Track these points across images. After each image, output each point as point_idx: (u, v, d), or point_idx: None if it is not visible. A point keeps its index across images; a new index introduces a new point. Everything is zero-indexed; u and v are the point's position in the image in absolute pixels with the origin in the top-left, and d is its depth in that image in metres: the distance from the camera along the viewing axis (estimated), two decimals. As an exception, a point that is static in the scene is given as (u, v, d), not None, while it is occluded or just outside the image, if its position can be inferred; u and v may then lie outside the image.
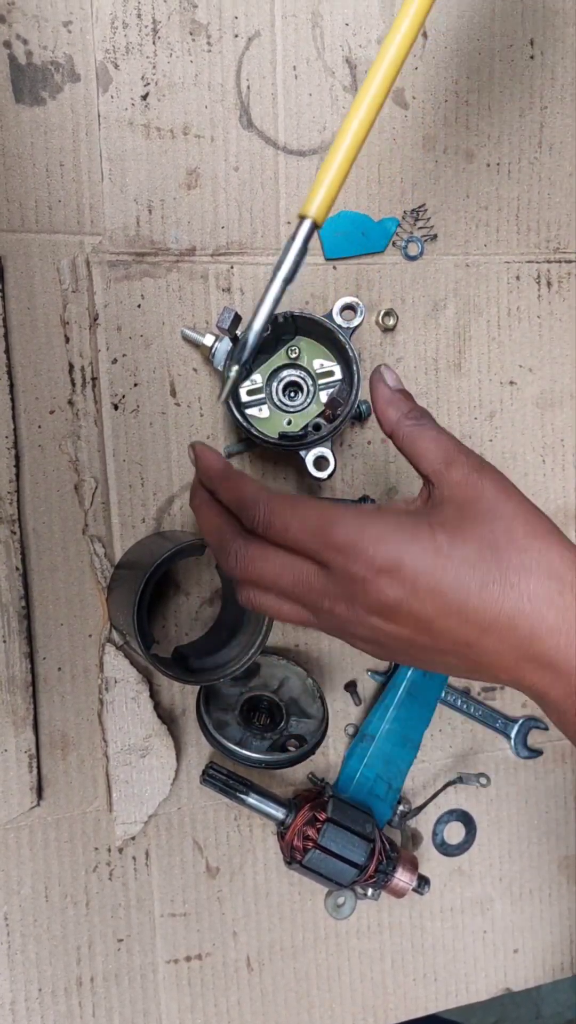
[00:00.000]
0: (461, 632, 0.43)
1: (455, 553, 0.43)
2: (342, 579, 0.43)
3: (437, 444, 0.48)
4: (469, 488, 0.46)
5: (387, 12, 0.64)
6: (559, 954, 0.76)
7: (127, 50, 0.59)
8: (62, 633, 0.61)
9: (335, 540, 0.43)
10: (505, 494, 0.46)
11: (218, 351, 0.59)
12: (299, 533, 0.44)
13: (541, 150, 0.69)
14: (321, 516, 0.44)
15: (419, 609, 0.43)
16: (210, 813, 0.66)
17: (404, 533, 0.43)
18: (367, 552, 0.42)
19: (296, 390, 0.61)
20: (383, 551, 0.42)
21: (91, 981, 0.63)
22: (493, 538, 0.44)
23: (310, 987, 0.69)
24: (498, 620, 0.43)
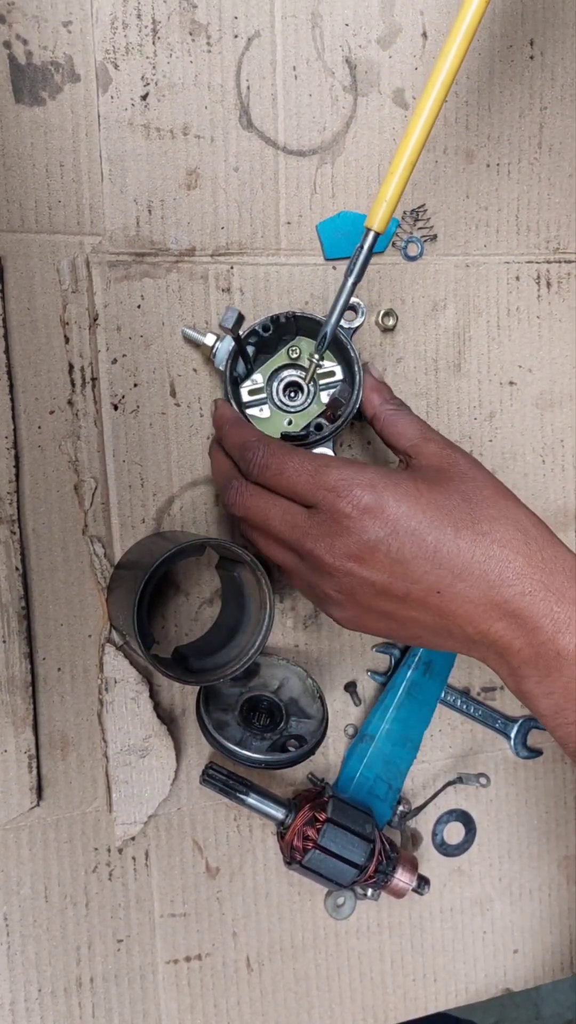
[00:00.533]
0: (434, 577, 0.47)
1: (434, 500, 0.47)
2: (328, 517, 0.48)
3: (415, 426, 0.55)
4: (445, 457, 0.51)
5: (387, 12, 0.64)
6: (559, 954, 0.76)
7: (127, 50, 0.59)
8: (62, 633, 0.61)
9: (326, 480, 0.48)
10: (476, 465, 0.52)
11: (219, 350, 0.59)
12: (293, 474, 0.49)
13: (541, 150, 0.69)
14: (315, 460, 0.50)
15: (397, 550, 0.46)
16: (210, 813, 0.66)
17: (389, 480, 0.48)
18: (354, 492, 0.47)
19: (296, 390, 0.61)
20: (369, 493, 0.47)
21: (91, 981, 0.63)
22: (467, 492, 0.48)
23: (310, 987, 0.69)
24: (471, 564, 0.46)
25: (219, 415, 0.58)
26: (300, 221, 0.64)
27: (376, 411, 0.57)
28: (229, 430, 0.55)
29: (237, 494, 0.52)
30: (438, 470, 0.50)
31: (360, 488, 0.47)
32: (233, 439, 0.54)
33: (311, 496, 0.49)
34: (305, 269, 0.64)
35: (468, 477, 0.50)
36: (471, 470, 0.51)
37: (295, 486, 0.50)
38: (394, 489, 0.48)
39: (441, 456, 0.52)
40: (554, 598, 0.46)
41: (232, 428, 0.55)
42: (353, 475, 0.48)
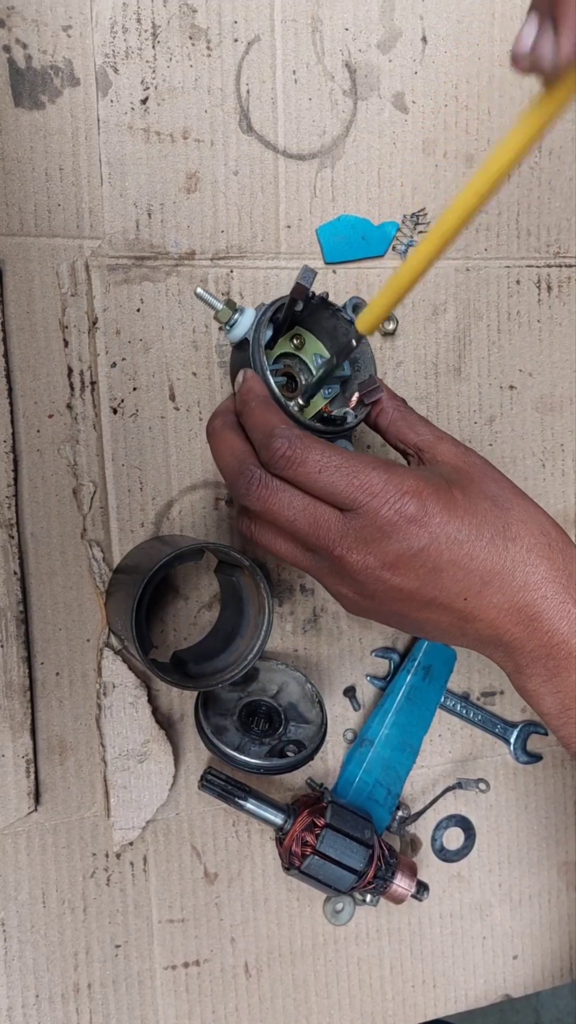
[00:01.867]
0: (464, 584, 0.46)
1: (469, 506, 0.46)
2: (368, 523, 0.45)
3: (424, 425, 0.52)
4: (461, 456, 0.50)
5: (387, 17, 0.64)
6: (558, 960, 0.75)
7: (127, 54, 0.59)
8: (60, 638, 0.61)
9: (369, 484, 0.45)
10: (490, 464, 0.51)
11: (240, 322, 0.51)
12: (334, 472, 0.45)
13: (541, 154, 0.69)
14: (354, 460, 0.46)
15: (435, 559, 0.45)
16: (208, 819, 0.66)
17: (430, 485, 0.46)
18: (400, 499, 0.45)
19: (291, 382, 0.56)
20: (414, 500, 0.45)
21: (88, 987, 0.63)
22: (493, 495, 0.48)
23: (308, 993, 0.68)
24: (500, 571, 0.46)
25: (247, 388, 0.49)
26: (300, 225, 0.64)
27: (384, 406, 0.53)
28: (256, 409, 0.48)
29: (259, 485, 0.47)
30: (457, 470, 0.49)
31: (407, 495, 0.45)
32: (259, 420, 0.48)
33: (350, 499, 0.45)
34: (305, 273, 0.64)
35: (489, 477, 0.49)
36: (489, 469, 0.50)
37: (334, 486, 0.45)
38: (437, 497, 0.46)
39: (457, 455, 0.50)
40: (572, 601, 0.46)
41: (260, 408, 0.48)
42: (399, 480, 0.45)
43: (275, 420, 0.47)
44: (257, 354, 0.51)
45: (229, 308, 0.51)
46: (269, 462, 0.46)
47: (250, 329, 0.51)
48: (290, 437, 0.46)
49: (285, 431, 0.46)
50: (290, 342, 0.56)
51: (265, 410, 0.48)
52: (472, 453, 0.51)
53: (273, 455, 0.46)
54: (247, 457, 0.48)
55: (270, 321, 0.51)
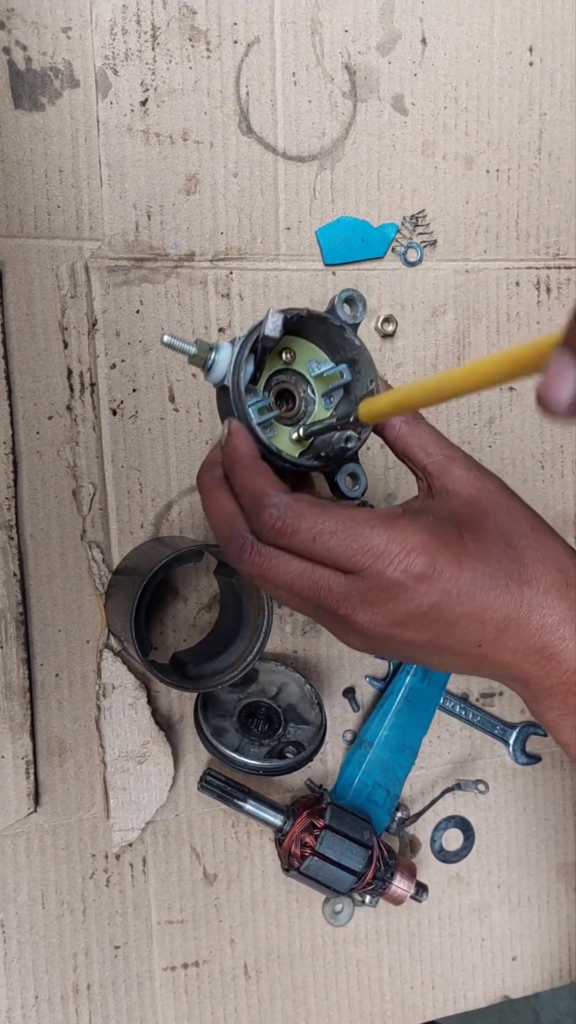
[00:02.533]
0: (478, 634, 0.44)
1: (481, 554, 0.43)
2: (373, 585, 0.42)
3: (434, 440, 0.48)
4: (473, 482, 0.46)
5: (386, 19, 0.64)
6: (557, 961, 0.75)
7: (126, 56, 0.59)
8: (60, 639, 0.61)
9: (370, 545, 0.42)
10: (505, 489, 0.47)
11: (218, 362, 0.47)
12: (330, 539, 0.42)
13: (540, 156, 0.69)
14: (350, 519, 0.43)
15: (447, 614, 0.43)
16: (208, 820, 0.66)
17: (437, 538, 0.43)
18: (409, 555, 0.42)
19: (289, 399, 0.51)
20: (422, 557, 0.42)
21: (88, 988, 0.63)
22: (508, 534, 0.45)
23: (307, 995, 0.68)
24: (516, 618, 0.43)
25: (231, 446, 0.45)
26: (299, 227, 0.64)
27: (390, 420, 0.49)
28: (242, 472, 0.45)
29: (252, 553, 0.44)
30: (470, 503, 0.45)
31: (413, 553, 0.42)
32: (247, 486, 0.44)
33: (351, 563, 0.42)
34: (304, 275, 0.64)
35: (503, 509, 0.46)
36: (504, 498, 0.46)
37: (332, 552, 0.42)
38: (446, 550, 0.43)
39: (470, 482, 0.46)
40: None
41: (246, 471, 0.45)
42: (403, 537, 0.42)
43: (263, 485, 0.44)
44: (239, 402, 0.46)
45: (202, 350, 0.46)
46: (260, 533, 0.44)
47: (228, 369, 0.46)
48: (279, 506, 0.43)
49: (274, 499, 0.43)
50: (280, 357, 0.50)
51: (252, 474, 0.44)
52: (487, 477, 0.47)
53: (263, 526, 0.43)
54: (237, 521, 0.45)
55: (250, 353, 0.46)
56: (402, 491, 0.68)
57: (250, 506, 0.44)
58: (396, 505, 0.46)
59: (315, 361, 0.50)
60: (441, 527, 0.44)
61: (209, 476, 0.47)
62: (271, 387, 0.50)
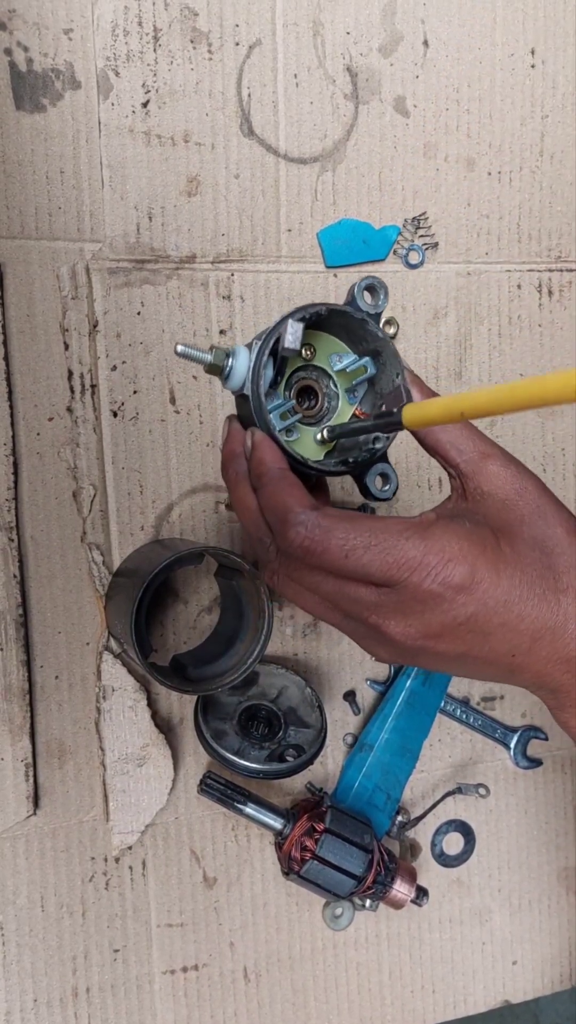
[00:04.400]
0: (513, 643, 0.43)
1: (518, 561, 0.42)
2: (409, 596, 0.41)
3: (467, 434, 0.45)
4: (509, 482, 0.44)
5: (388, 21, 0.64)
6: (558, 966, 0.75)
7: (128, 58, 0.59)
8: (60, 641, 0.61)
9: (405, 558, 0.40)
10: (542, 489, 0.45)
11: (236, 369, 0.45)
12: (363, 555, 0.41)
13: (542, 159, 0.69)
14: (382, 532, 0.41)
15: (484, 624, 0.42)
16: (207, 823, 0.65)
17: (475, 545, 0.41)
18: (447, 566, 0.40)
19: (311, 396, 0.48)
20: (460, 567, 0.40)
21: (87, 992, 0.63)
22: (543, 540, 0.43)
23: (307, 998, 0.68)
24: (552, 627, 0.42)
25: (256, 459, 0.44)
26: (301, 228, 0.64)
27: None
28: (268, 486, 0.43)
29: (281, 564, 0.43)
30: (506, 506, 0.44)
31: (452, 563, 0.40)
32: (273, 502, 0.43)
33: (386, 578, 0.41)
34: (306, 276, 0.64)
35: (540, 512, 0.44)
36: (541, 501, 0.44)
37: (366, 568, 0.41)
38: (484, 558, 0.41)
39: (506, 481, 0.44)
40: None
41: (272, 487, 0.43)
42: (440, 546, 0.40)
43: (290, 502, 0.42)
44: (261, 411, 0.44)
45: (219, 358, 0.45)
46: (288, 551, 0.42)
47: (247, 376, 0.45)
48: (307, 524, 0.41)
49: (301, 516, 0.41)
50: (300, 354, 0.47)
51: (277, 490, 0.43)
52: (524, 476, 0.45)
53: (291, 545, 0.42)
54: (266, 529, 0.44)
55: (269, 357, 0.44)
56: (404, 491, 0.68)
57: (276, 524, 0.43)
58: (429, 511, 0.45)
59: (337, 355, 0.48)
60: (478, 533, 0.42)
61: (234, 470, 0.46)
62: (291, 385, 0.48)
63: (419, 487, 0.69)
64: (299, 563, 0.43)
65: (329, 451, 0.48)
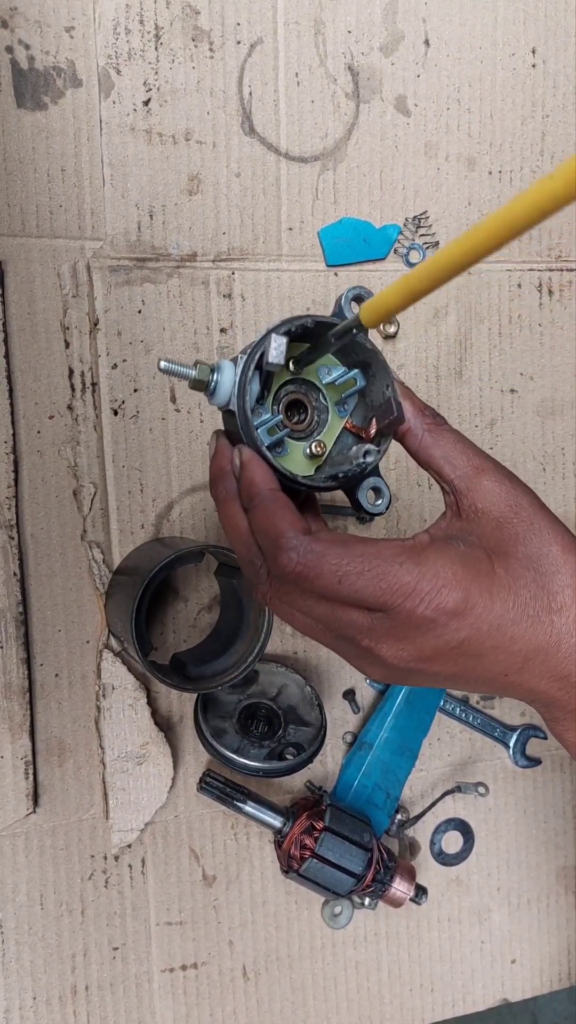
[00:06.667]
0: (505, 664, 0.43)
1: (511, 584, 0.42)
2: (402, 622, 0.41)
3: (460, 448, 0.45)
4: (503, 499, 0.44)
5: (389, 20, 0.64)
6: (557, 965, 0.75)
7: (129, 56, 0.59)
8: (60, 639, 0.61)
9: (399, 584, 0.40)
10: (537, 505, 0.44)
11: (221, 384, 0.43)
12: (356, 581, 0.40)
13: (543, 158, 0.69)
14: (374, 557, 0.41)
15: (476, 647, 0.42)
16: (207, 821, 0.65)
17: (468, 569, 0.41)
18: (440, 592, 0.40)
19: (300, 410, 0.46)
20: (454, 592, 0.40)
21: (86, 990, 0.63)
22: (538, 560, 0.43)
23: (306, 997, 0.68)
24: (545, 647, 0.42)
25: (247, 479, 0.43)
26: (302, 227, 0.64)
27: (410, 426, 0.45)
28: (259, 508, 0.42)
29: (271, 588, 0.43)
30: (500, 525, 0.43)
31: (446, 589, 0.40)
32: (263, 524, 0.42)
33: (380, 603, 0.40)
34: (307, 275, 0.64)
35: (534, 530, 0.43)
36: (535, 518, 0.44)
37: (359, 594, 0.40)
38: (478, 583, 0.41)
39: (500, 498, 0.44)
40: None
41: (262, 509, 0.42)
42: (434, 572, 0.40)
43: (281, 526, 0.41)
44: (247, 427, 0.43)
45: (203, 373, 0.43)
46: (280, 577, 0.42)
47: (233, 391, 0.43)
48: (299, 549, 0.41)
49: (293, 541, 0.41)
50: (287, 368, 0.45)
51: (269, 512, 0.42)
52: (518, 492, 0.44)
53: (283, 571, 0.41)
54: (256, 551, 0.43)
55: (255, 371, 0.43)
56: (403, 493, 0.68)
57: (267, 548, 0.42)
58: (422, 532, 0.44)
59: (325, 367, 0.46)
60: (472, 556, 0.42)
61: (223, 488, 0.45)
62: (280, 400, 0.46)
63: (419, 485, 0.69)
64: (291, 586, 0.42)
65: (319, 465, 0.47)
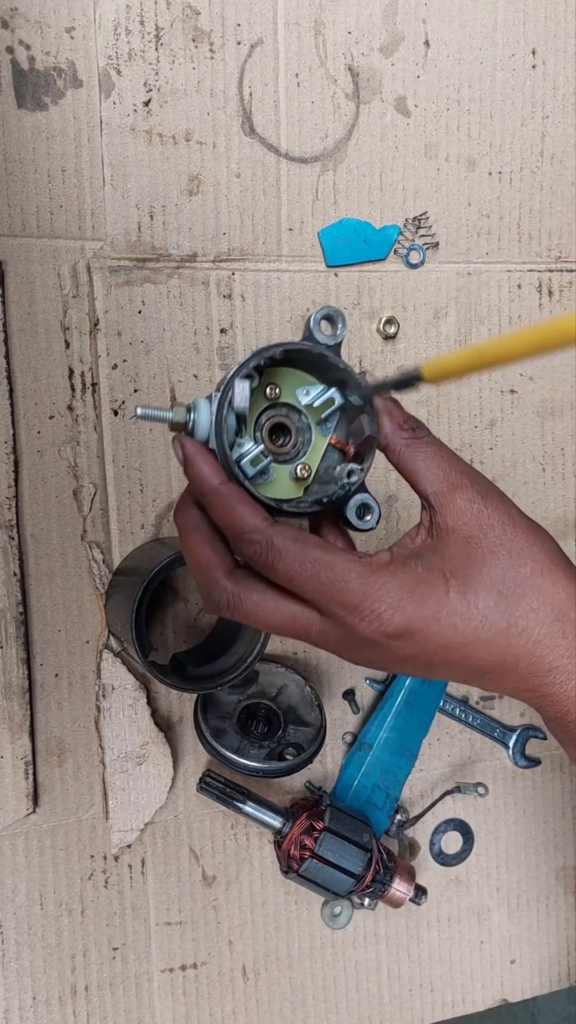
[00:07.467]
0: (464, 676, 0.43)
1: (466, 610, 0.42)
2: (347, 634, 0.42)
3: (438, 463, 0.45)
4: (475, 518, 0.43)
5: (389, 21, 0.64)
6: (556, 965, 0.75)
7: (130, 56, 0.59)
8: (60, 639, 0.61)
9: (346, 599, 0.41)
10: (511, 523, 0.44)
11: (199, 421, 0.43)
12: (306, 584, 0.41)
13: (543, 159, 0.69)
14: (331, 572, 0.41)
15: (425, 661, 0.42)
16: (207, 821, 0.65)
17: (415, 595, 0.41)
18: (381, 617, 0.41)
19: (283, 433, 0.46)
20: (397, 617, 0.41)
21: (86, 990, 0.63)
22: (503, 582, 0.42)
23: (306, 997, 0.68)
24: (501, 665, 0.43)
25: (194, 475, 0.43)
26: (302, 228, 0.64)
27: (388, 441, 0.45)
28: (213, 506, 0.43)
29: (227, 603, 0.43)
30: (468, 544, 0.43)
31: (386, 611, 0.41)
32: (223, 519, 0.42)
33: (326, 611, 0.42)
34: (307, 276, 0.64)
35: (505, 550, 0.43)
36: (507, 536, 0.43)
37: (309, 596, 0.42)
38: (424, 608, 0.41)
39: (471, 516, 0.43)
40: None
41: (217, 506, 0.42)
42: (379, 595, 0.41)
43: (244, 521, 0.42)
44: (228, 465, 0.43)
45: (179, 416, 0.44)
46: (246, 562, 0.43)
47: (211, 429, 0.44)
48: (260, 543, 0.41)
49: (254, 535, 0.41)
50: (264, 395, 0.45)
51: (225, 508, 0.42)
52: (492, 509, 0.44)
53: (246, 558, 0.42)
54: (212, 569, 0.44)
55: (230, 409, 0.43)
56: (403, 493, 0.68)
57: (232, 540, 0.43)
58: (384, 550, 0.44)
59: (302, 389, 0.46)
60: (426, 579, 0.42)
61: (184, 519, 0.45)
62: (262, 426, 0.46)
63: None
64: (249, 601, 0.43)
65: (308, 485, 0.47)
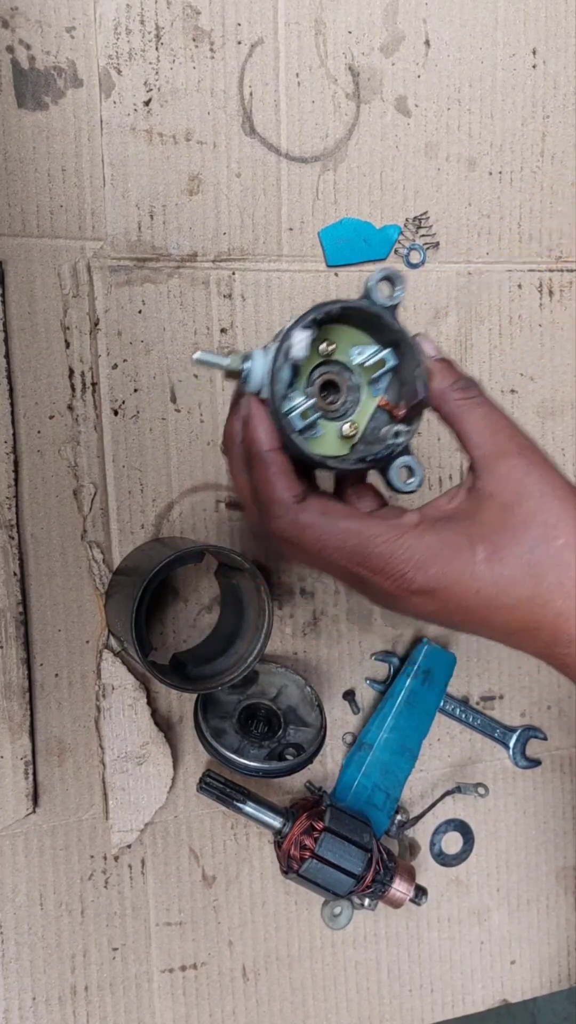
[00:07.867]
0: (487, 632, 0.45)
1: (492, 573, 0.42)
2: (375, 590, 0.44)
3: (487, 424, 0.45)
4: (514, 485, 0.43)
5: (390, 20, 0.64)
6: (556, 965, 0.75)
7: (130, 56, 0.59)
8: (60, 639, 0.61)
9: (372, 564, 0.43)
10: (552, 494, 0.43)
11: (254, 370, 0.44)
12: (332, 554, 0.43)
13: (543, 159, 0.69)
14: (358, 538, 0.43)
15: (448, 619, 0.44)
16: (207, 821, 0.65)
17: (441, 558, 0.42)
18: (404, 576, 0.43)
19: (333, 390, 0.47)
20: (420, 577, 0.42)
21: (85, 990, 0.63)
22: (532, 552, 0.42)
23: (306, 997, 0.68)
24: (523, 630, 0.43)
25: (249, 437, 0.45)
26: (302, 227, 0.64)
27: (440, 400, 0.45)
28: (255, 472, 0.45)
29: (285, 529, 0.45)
30: (504, 511, 0.43)
31: (410, 571, 0.42)
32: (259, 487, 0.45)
33: (353, 575, 0.44)
34: (307, 275, 0.64)
35: (537, 521, 0.42)
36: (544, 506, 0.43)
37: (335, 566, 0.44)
38: (446, 568, 0.42)
39: (511, 486, 0.43)
40: None
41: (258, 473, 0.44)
42: (407, 554, 0.42)
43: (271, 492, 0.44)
44: (278, 415, 0.44)
45: (236, 363, 0.45)
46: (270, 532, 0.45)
47: (264, 380, 0.45)
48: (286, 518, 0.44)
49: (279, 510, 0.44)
50: (317, 351, 0.46)
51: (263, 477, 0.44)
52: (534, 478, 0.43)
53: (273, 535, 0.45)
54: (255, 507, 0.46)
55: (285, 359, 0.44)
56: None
57: (265, 505, 0.45)
58: (414, 511, 0.46)
59: (357, 349, 0.47)
60: (454, 542, 0.43)
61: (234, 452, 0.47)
62: (313, 381, 0.47)
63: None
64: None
65: (354, 443, 0.47)
